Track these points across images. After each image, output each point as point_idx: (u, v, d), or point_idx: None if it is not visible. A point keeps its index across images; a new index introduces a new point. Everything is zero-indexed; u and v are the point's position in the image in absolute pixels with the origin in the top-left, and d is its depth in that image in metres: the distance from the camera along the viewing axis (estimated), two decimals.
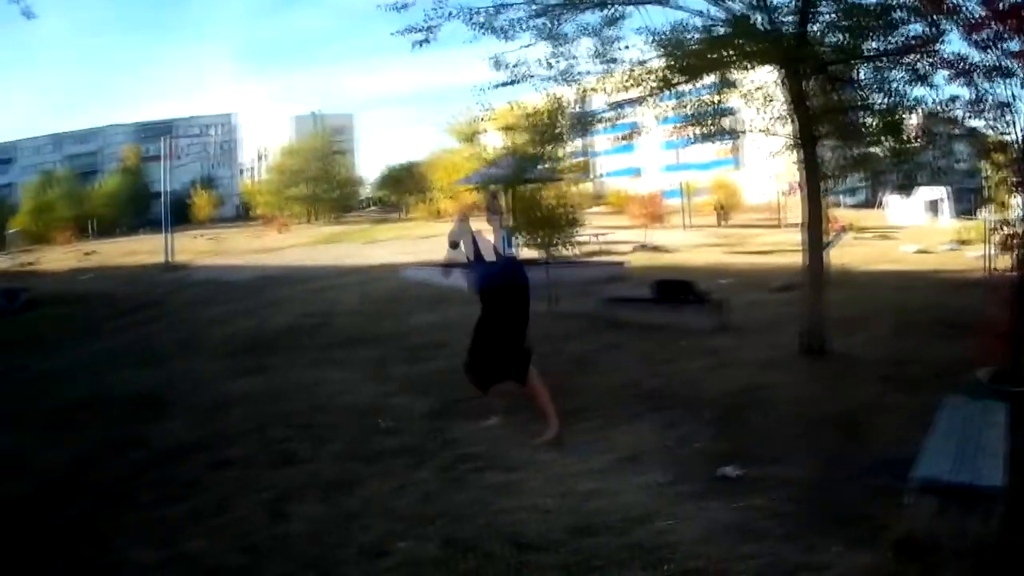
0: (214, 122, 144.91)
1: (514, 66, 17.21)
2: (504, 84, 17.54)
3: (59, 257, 71.52)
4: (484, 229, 14.07)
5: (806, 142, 16.13)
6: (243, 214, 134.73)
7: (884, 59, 15.79)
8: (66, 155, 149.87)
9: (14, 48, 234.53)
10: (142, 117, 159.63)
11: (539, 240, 25.00)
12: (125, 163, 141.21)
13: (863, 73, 16.39)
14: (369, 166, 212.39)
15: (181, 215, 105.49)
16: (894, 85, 15.82)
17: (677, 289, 21.05)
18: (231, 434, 11.80)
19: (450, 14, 16.67)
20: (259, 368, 17.05)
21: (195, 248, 72.63)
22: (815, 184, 16.51)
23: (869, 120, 16.68)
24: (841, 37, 15.87)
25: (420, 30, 16.78)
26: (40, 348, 22.91)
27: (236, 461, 10.44)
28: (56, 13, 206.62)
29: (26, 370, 19.59)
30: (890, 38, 15.49)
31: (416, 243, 62.83)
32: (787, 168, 71.04)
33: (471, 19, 16.78)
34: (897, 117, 15.98)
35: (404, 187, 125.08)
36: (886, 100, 16.03)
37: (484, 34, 16.88)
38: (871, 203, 71.86)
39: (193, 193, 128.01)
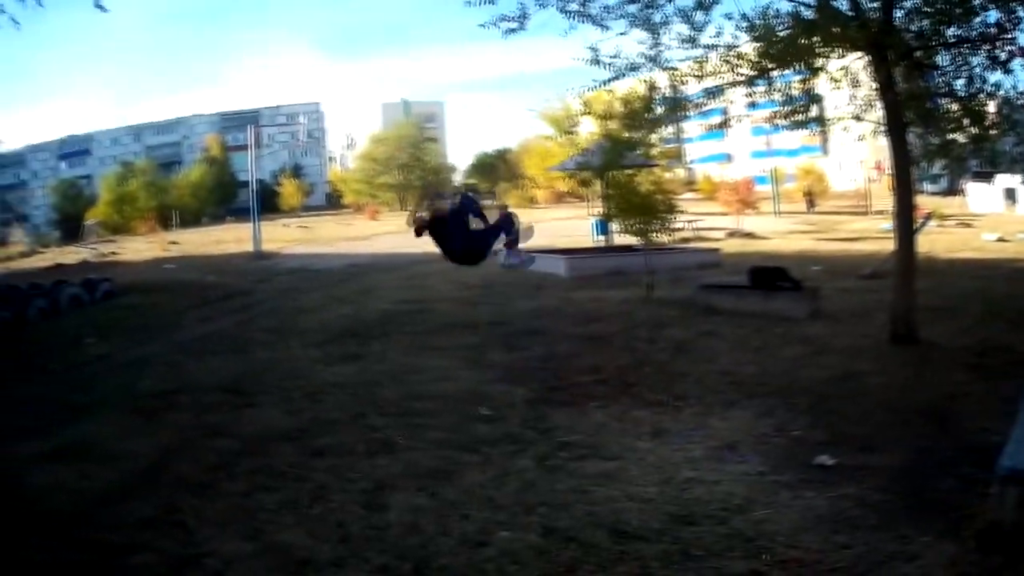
0: (301, 110, 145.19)
1: (613, 57, 17.06)
2: (608, 81, 17.50)
3: (141, 247, 71.91)
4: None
5: (894, 128, 15.94)
6: (333, 202, 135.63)
7: (964, 46, 15.65)
8: (146, 146, 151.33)
9: (92, 39, 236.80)
10: (225, 107, 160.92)
11: (635, 227, 24.80)
12: (209, 152, 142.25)
13: (944, 60, 16.25)
14: (457, 152, 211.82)
15: (269, 204, 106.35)
16: (976, 71, 15.71)
17: (771, 276, 20.89)
18: (326, 422, 11.92)
19: (543, 3, 16.55)
20: (354, 355, 17.14)
21: (285, 236, 73.02)
22: (904, 171, 16.25)
23: (953, 106, 16.51)
24: (923, 24, 15.72)
25: (512, 19, 16.63)
26: (123, 338, 22.83)
27: (331, 450, 10.55)
28: (135, 3, 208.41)
29: (107, 360, 19.53)
30: (969, 25, 15.38)
31: None
32: (871, 154, 70.97)
33: (564, 7, 16.69)
34: (978, 103, 15.83)
35: (496, 174, 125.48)
36: (968, 86, 15.89)
37: (579, 22, 16.74)
38: (952, 191, 71.27)
39: (281, 181, 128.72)
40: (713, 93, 17.08)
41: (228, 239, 70.78)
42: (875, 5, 15.61)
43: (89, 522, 8.40)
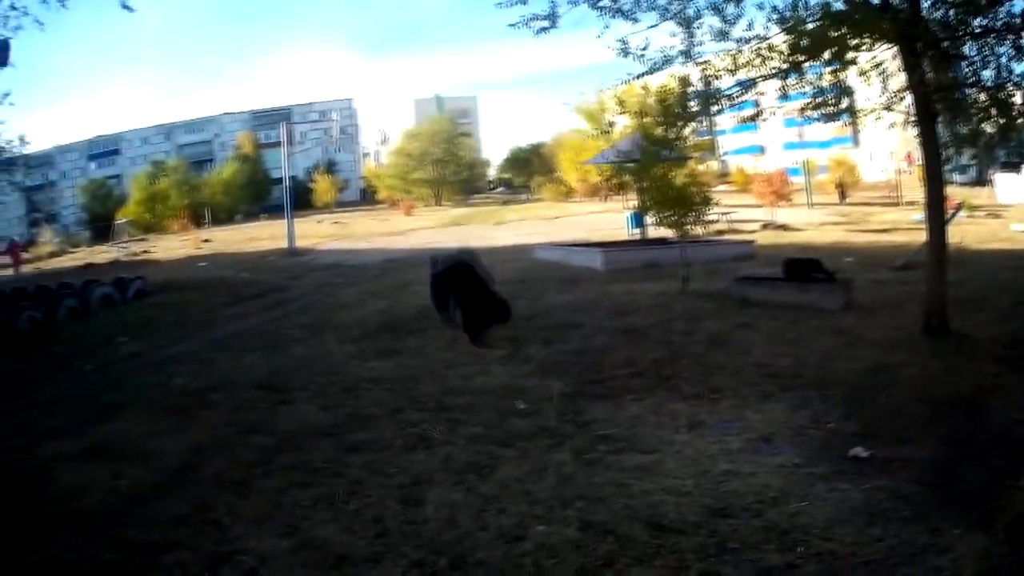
0: (333, 107, 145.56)
1: (643, 49, 17.08)
2: (641, 75, 17.52)
3: (173, 245, 72.25)
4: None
5: (924, 119, 15.92)
6: (368, 198, 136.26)
7: (990, 36, 15.64)
8: (177, 144, 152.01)
9: (121, 39, 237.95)
10: (257, 105, 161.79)
11: (671, 219, 24.76)
12: (241, 150, 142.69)
13: (971, 50, 16.24)
14: (491, 147, 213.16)
15: (303, 200, 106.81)
16: (1002, 61, 15.69)
17: (806, 268, 21.01)
18: (362, 418, 12.00)
19: (574, 1, 16.64)
20: (391, 351, 17.20)
21: (319, 232, 73.22)
22: (935, 162, 16.20)
23: (980, 96, 16.48)
24: (949, 14, 15.73)
25: (543, 17, 16.78)
26: (155, 336, 22.95)
27: (368, 445, 10.61)
28: (166, 1, 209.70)
29: (139, 358, 19.56)
30: (995, 15, 15.37)
31: (545, 224, 63.19)
32: (901, 145, 70.88)
33: (596, 3, 16.74)
34: (1005, 94, 15.84)
35: (530, 168, 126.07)
36: (996, 76, 15.89)
37: (611, 17, 16.85)
38: (980, 181, 71.07)
39: (315, 178, 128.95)
40: (746, 86, 17.12)
41: (262, 236, 71.02)
42: None
43: (121, 520, 8.47)
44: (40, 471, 10.47)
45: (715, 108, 18.00)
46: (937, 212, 16.26)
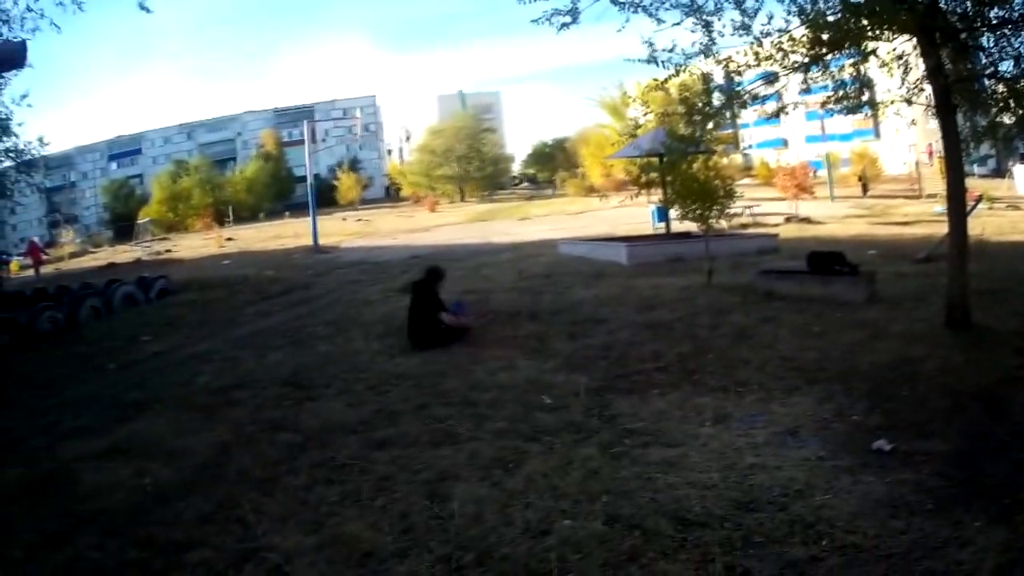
0: (356, 104, 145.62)
1: (669, 52, 17.03)
2: (667, 79, 17.82)
3: (196, 244, 72.65)
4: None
5: (944, 112, 15.88)
6: (392, 195, 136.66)
7: (1007, 27, 15.64)
8: (199, 143, 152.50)
9: (142, 38, 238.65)
10: (280, 103, 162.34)
11: (695, 212, 24.71)
12: (264, 148, 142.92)
13: (989, 41, 16.23)
14: (515, 142, 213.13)
15: (326, 198, 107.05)
16: (1020, 52, 15.67)
17: (829, 261, 20.93)
18: (388, 414, 12.04)
19: None
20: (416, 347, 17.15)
21: (343, 229, 73.51)
22: (955, 154, 16.08)
23: (999, 88, 16.47)
24: (967, 4, 15.72)
25: (565, 13, 16.77)
26: (179, 335, 23.01)
27: (394, 441, 10.64)
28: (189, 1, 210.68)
29: (163, 357, 19.62)
30: (1011, 7, 15.37)
31: (570, 219, 63.23)
32: (922, 137, 70.83)
33: None
34: (1023, 85, 15.83)
35: (554, 163, 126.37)
36: (1015, 67, 15.89)
37: (632, 12, 16.74)
38: (999, 173, 70.94)
39: (338, 175, 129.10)
40: (769, 80, 17.15)
41: (286, 234, 71.46)
42: None
43: (145, 519, 8.52)
44: (64, 470, 10.53)
45: (738, 104, 18.05)
46: (958, 204, 16.20)
